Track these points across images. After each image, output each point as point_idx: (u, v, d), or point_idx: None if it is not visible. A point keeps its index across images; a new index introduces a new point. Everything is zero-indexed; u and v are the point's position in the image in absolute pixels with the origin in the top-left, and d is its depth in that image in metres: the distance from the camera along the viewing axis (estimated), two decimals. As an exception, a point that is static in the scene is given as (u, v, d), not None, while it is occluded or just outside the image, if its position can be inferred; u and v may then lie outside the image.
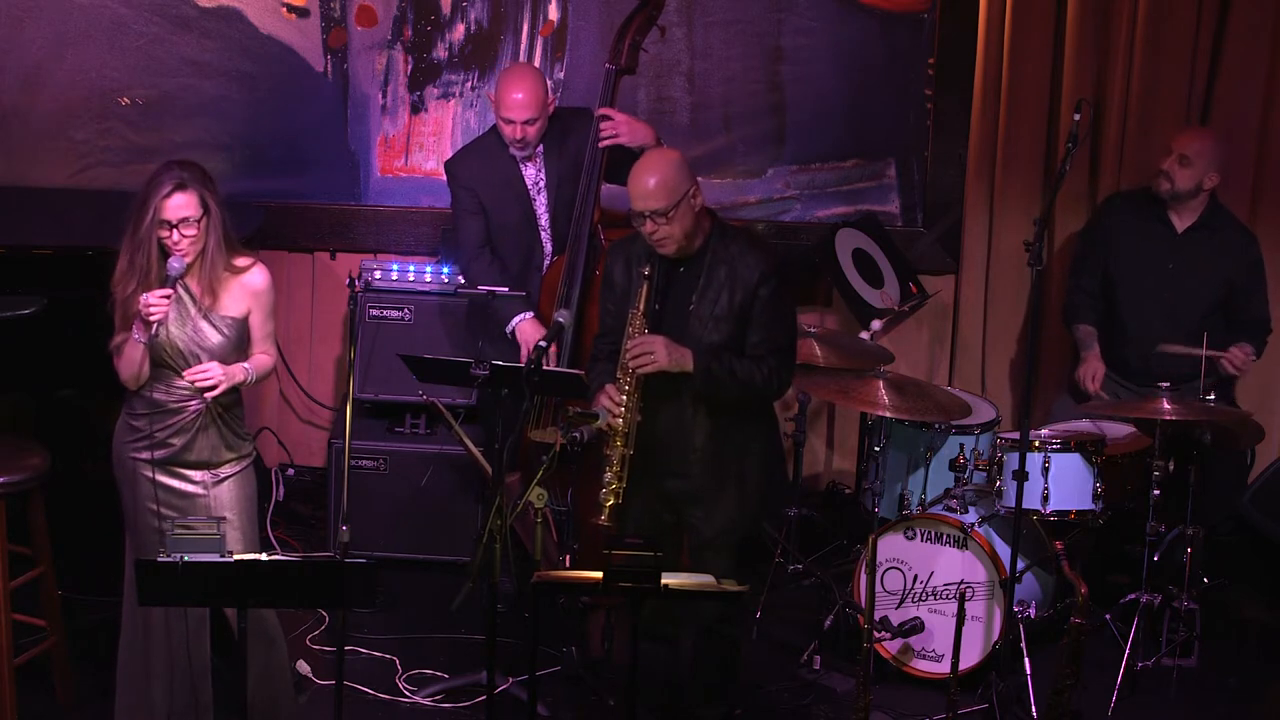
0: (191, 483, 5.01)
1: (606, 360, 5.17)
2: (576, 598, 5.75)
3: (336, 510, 6.39)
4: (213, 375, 4.92)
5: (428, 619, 6.13)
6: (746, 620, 6.07)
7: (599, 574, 4.41)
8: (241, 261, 5.01)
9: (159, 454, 4.96)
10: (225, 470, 5.04)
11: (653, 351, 4.96)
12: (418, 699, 5.71)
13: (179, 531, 4.33)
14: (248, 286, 5.01)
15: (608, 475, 5.01)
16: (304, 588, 4.45)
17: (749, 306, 5.01)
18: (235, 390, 5.01)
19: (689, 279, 5.05)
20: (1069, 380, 6.67)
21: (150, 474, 4.97)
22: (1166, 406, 5.72)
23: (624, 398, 5.00)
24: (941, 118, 7.08)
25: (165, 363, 4.93)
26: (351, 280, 5.47)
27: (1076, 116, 5.57)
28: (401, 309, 6.68)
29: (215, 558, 4.30)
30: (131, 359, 4.90)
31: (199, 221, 4.88)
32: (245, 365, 5.01)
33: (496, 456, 5.14)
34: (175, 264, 4.86)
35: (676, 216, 4.95)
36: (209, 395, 4.93)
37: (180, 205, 4.86)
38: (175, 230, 4.86)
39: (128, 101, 7.02)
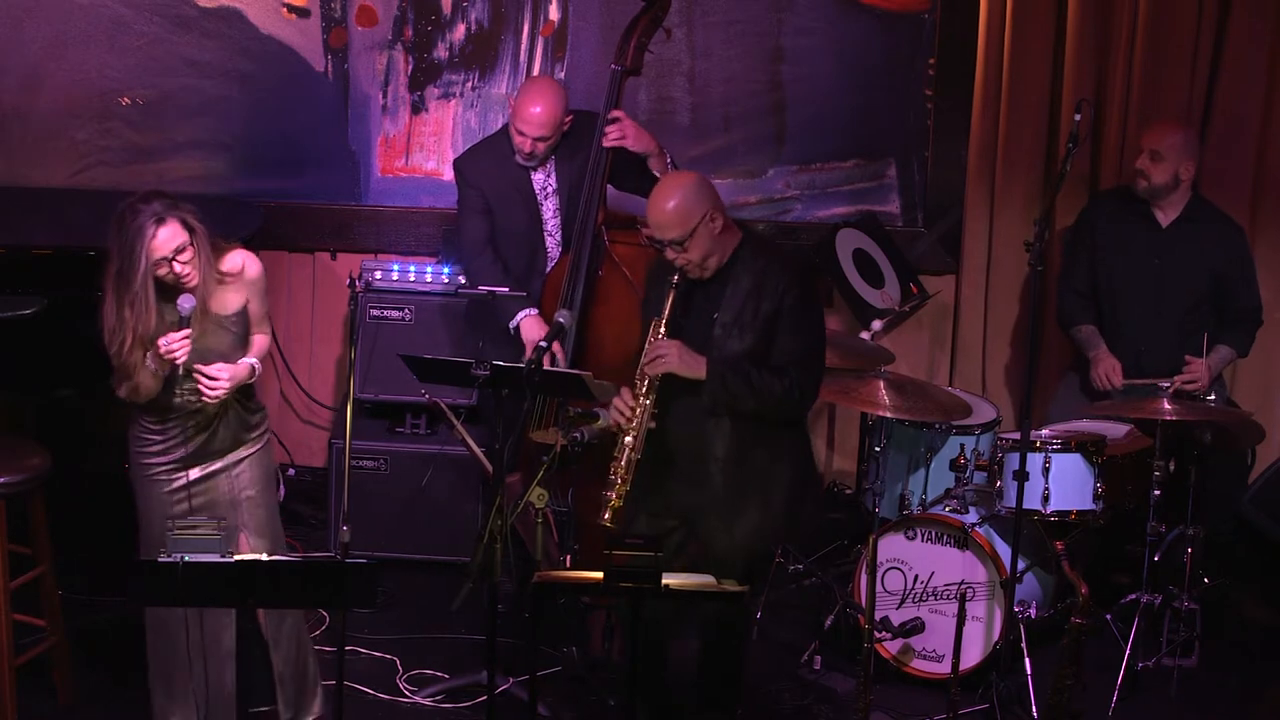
0: (215, 464, 5.04)
1: None
2: (577, 597, 5.74)
3: (337, 510, 6.38)
4: (220, 384, 4.92)
5: (428, 619, 6.11)
6: (748, 621, 6.04)
7: (599, 574, 4.40)
8: (230, 261, 5.00)
9: (185, 449, 4.98)
10: (244, 450, 5.06)
11: (666, 354, 4.96)
12: (418, 699, 5.70)
13: (180, 532, 4.32)
14: (240, 278, 5.02)
15: (613, 476, 5.00)
16: (304, 588, 4.43)
17: (775, 318, 4.98)
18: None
19: (715, 288, 5.04)
20: (1067, 379, 6.67)
21: (184, 480, 4.99)
22: (1167, 407, 5.71)
23: (636, 402, 5.00)
24: (942, 118, 7.08)
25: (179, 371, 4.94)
26: (352, 280, 5.45)
27: (1077, 117, 5.57)
28: (402, 309, 6.66)
29: (216, 558, 4.27)
30: (148, 390, 4.91)
31: (191, 244, 4.85)
32: (250, 360, 5.02)
33: (497, 457, 5.12)
34: (186, 304, 4.85)
35: (693, 244, 4.94)
36: (216, 398, 4.94)
37: (169, 237, 4.82)
38: (174, 263, 4.84)
39: (128, 101, 7.01)
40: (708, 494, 5.08)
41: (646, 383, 5.00)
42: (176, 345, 4.82)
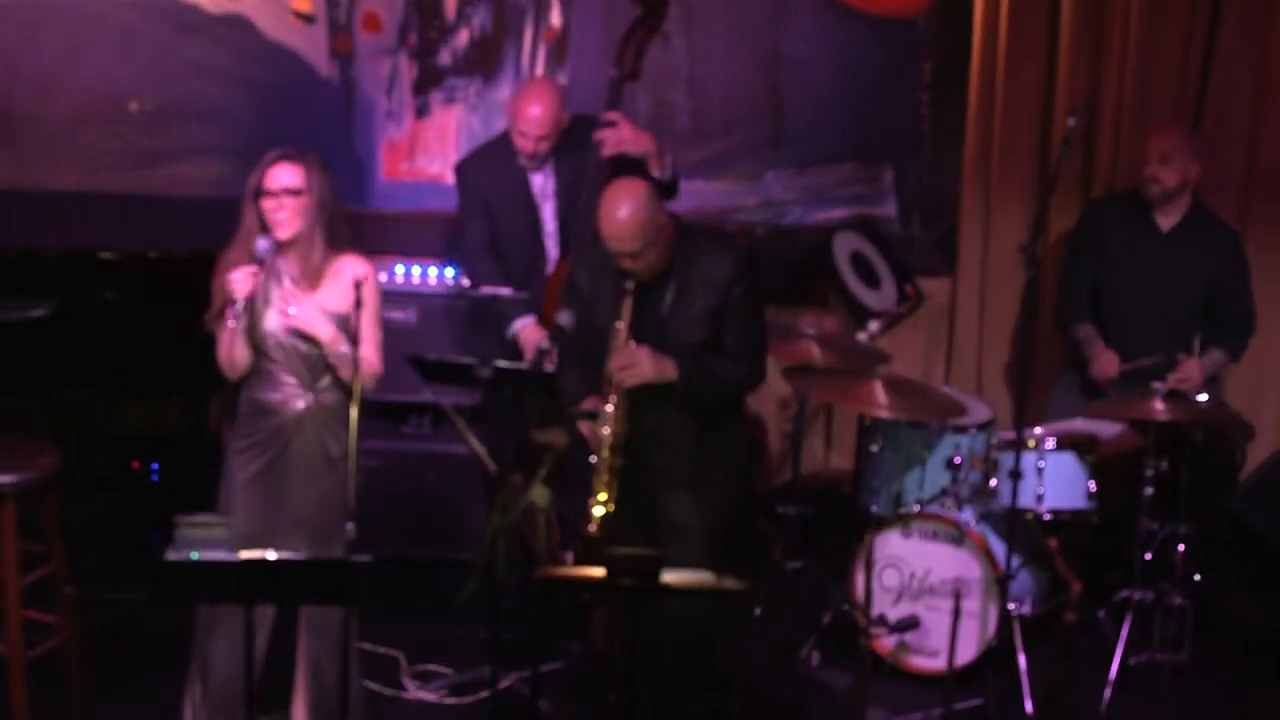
0: (286, 480, 5.00)
1: (577, 365, 5.23)
2: (578, 594, 5.76)
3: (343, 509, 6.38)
4: (298, 315, 4.86)
5: (432, 615, 6.02)
6: (745, 617, 6.12)
7: (601, 571, 4.41)
8: (348, 258, 4.97)
9: (259, 461, 4.97)
10: (316, 477, 5.02)
11: (638, 364, 5.02)
12: (422, 694, 5.75)
13: (187, 529, 4.30)
14: (345, 279, 4.93)
15: (597, 485, 5.06)
16: (310, 585, 4.44)
17: (723, 307, 5.07)
18: (344, 391, 4.97)
19: (662, 284, 5.10)
20: (1063, 380, 6.71)
21: (247, 472, 4.96)
22: (1160, 407, 5.76)
23: (611, 409, 5.04)
24: (938, 122, 7.11)
25: (269, 356, 4.93)
26: (357, 282, 5.48)
27: (1071, 122, 5.59)
28: (406, 310, 6.58)
29: (223, 555, 4.25)
30: (225, 343, 4.87)
31: (300, 194, 4.84)
32: (339, 332, 4.92)
33: (501, 455, 5.16)
34: (263, 243, 4.81)
35: (650, 251, 5.01)
36: (289, 323, 4.86)
37: (283, 172, 4.83)
38: (276, 199, 4.82)
39: (137, 107, 7.04)
40: (674, 475, 5.15)
41: (619, 391, 5.05)
42: (236, 276, 4.73)
